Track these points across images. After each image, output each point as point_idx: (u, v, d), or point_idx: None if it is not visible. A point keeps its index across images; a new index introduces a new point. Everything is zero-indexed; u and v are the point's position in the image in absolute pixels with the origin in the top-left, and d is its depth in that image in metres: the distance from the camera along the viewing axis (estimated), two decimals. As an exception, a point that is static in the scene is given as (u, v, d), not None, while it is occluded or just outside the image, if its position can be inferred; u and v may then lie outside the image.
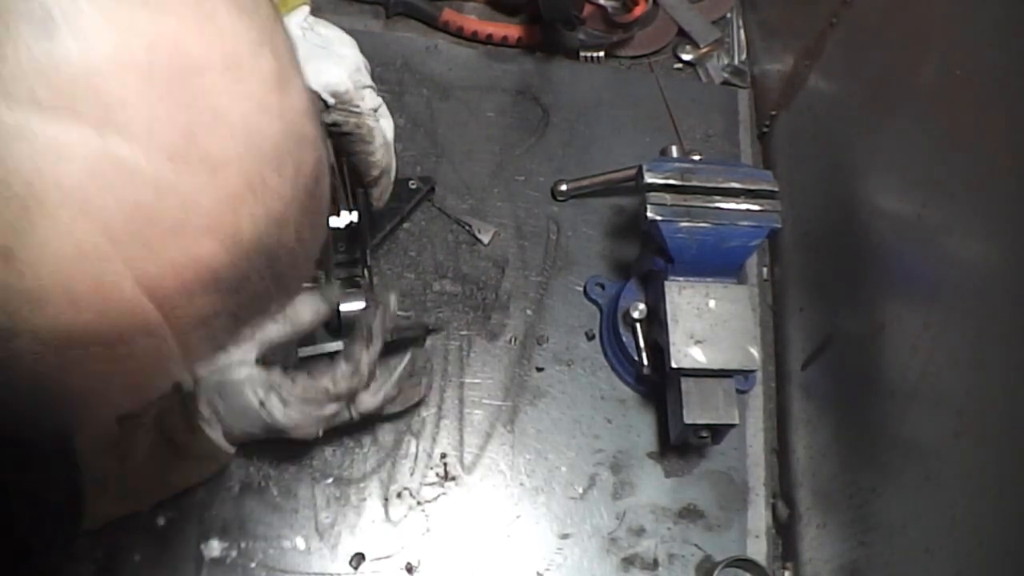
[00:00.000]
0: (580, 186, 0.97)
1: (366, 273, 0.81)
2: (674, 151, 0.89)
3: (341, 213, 0.75)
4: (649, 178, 0.81)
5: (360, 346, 0.71)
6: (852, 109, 0.87)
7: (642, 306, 0.83)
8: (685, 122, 1.05)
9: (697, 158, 0.87)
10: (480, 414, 0.85)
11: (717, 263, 0.81)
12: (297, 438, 0.71)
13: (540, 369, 0.88)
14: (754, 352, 0.79)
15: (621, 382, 0.88)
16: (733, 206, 0.81)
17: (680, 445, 0.84)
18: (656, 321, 0.83)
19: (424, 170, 0.96)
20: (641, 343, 0.84)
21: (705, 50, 1.11)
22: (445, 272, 0.91)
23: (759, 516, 0.86)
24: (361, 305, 0.79)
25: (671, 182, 0.81)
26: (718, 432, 0.81)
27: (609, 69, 1.08)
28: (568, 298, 0.92)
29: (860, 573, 0.73)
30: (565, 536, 0.81)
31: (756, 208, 0.81)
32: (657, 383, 0.85)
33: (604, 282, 0.92)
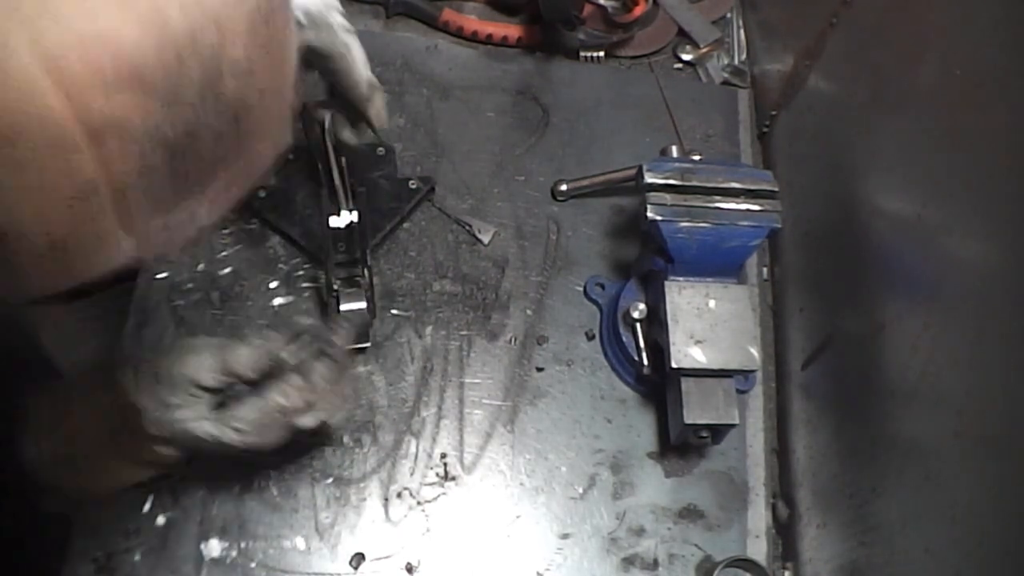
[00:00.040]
0: (580, 186, 0.97)
1: (366, 273, 0.81)
2: (674, 151, 0.89)
3: (341, 213, 0.75)
4: (649, 178, 0.81)
5: (310, 356, 0.66)
6: (852, 109, 0.87)
7: (642, 306, 0.83)
8: (685, 122, 1.05)
9: (697, 158, 0.87)
10: (480, 414, 0.85)
11: (717, 263, 0.82)
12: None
13: (540, 369, 0.88)
14: (754, 352, 0.79)
15: (621, 382, 0.88)
16: (733, 206, 0.81)
17: (680, 445, 0.84)
18: (656, 321, 0.83)
19: (424, 170, 0.96)
20: (641, 343, 0.84)
21: (705, 50, 1.12)
22: (445, 272, 0.91)
23: (759, 516, 0.86)
24: (362, 305, 0.79)
25: (671, 182, 0.81)
26: (718, 432, 0.81)
27: (609, 69, 1.09)
28: (568, 298, 0.92)
29: (860, 573, 0.73)
30: (565, 536, 0.81)
31: (756, 208, 0.82)
32: (657, 383, 0.85)
33: (604, 282, 0.92)
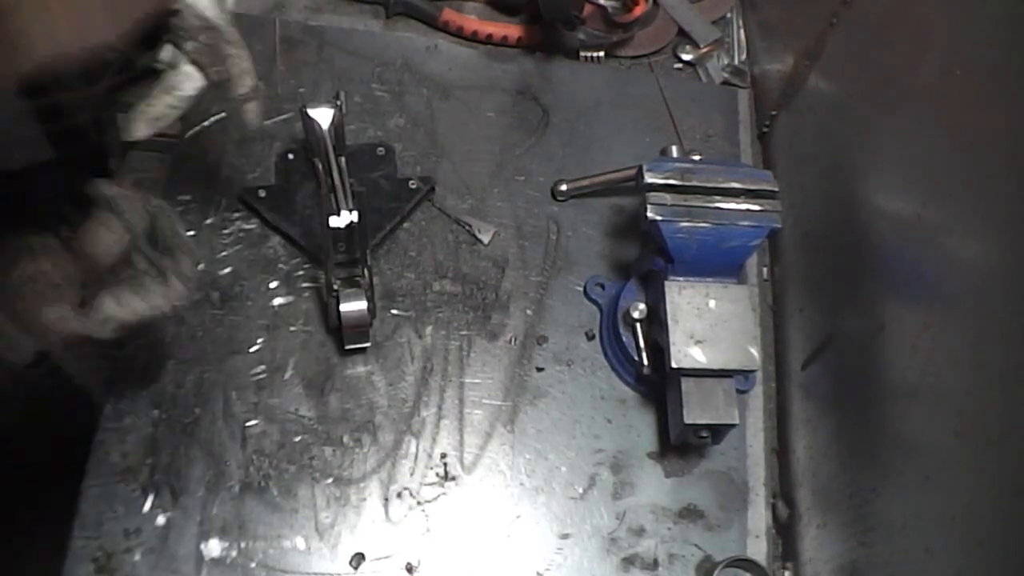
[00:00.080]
0: (580, 186, 0.97)
1: (366, 273, 0.80)
2: (674, 151, 0.89)
3: (341, 213, 0.75)
4: (649, 178, 0.81)
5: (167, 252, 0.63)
6: (852, 109, 0.87)
7: (642, 306, 0.83)
8: (685, 122, 1.05)
9: (697, 158, 0.87)
10: (480, 414, 0.85)
11: (717, 263, 0.82)
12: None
13: (540, 369, 0.88)
14: (754, 352, 0.79)
15: (621, 382, 0.88)
16: (733, 206, 0.81)
17: (680, 445, 0.84)
18: (656, 321, 0.83)
19: (424, 170, 0.96)
20: (641, 343, 0.84)
21: (705, 50, 1.12)
22: (445, 272, 0.91)
23: (759, 516, 0.86)
24: (362, 305, 0.79)
25: (671, 182, 0.81)
26: (718, 432, 0.81)
27: (609, 69, 1.09)
28: (568, 298, 0.92)
29: (860, 573, 0.73)
30: (565, 536, 0.81)
31: (756, 208, 0.82)
32: (657, 383, 0.85)
33: (604, 282, 0.92)
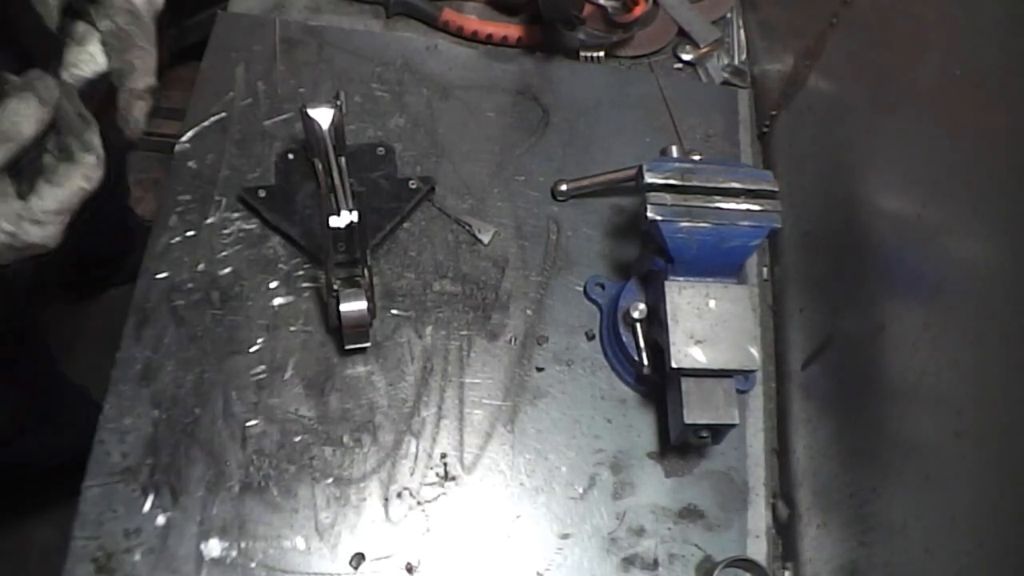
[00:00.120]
0: (580, 186, 0.97)
1: (366, 273, 0.80)
2: (674, 151, 0.89)
3: (341, 213, 0.75)
4: (649, 178, 0.81)
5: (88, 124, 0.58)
6: (852, 109, 0.87)
7: (642, 306, 0.83)
8: (685, 122, 1.05)
9: (697, 158, 0.87)
10: (480, 414, 0.85)
11: (717, 263, 0.81)
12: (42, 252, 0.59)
13: (540, 369, 0.88)
14: (754, 352, 0.79)
15: (621, 382, 0.88)
16: (733, 206, 0.81)
17: (680, 445, 0.84)
18: (656, 321, 0.83)
19: (424, 170, 0.96)
20: (641, 343, 0.84)
21: (705, 50, 1.12)
22: (445, 272, 0.91)
23: (759, 516, 0.86)
24: (362, 305, 0.79)
25: (671, 182, 0.81)
26: (718, 432, 0.81)
27: (609, 69, 1.09)
28: (568, 298, 0.92)
29: (860, 573, 0.73)
30: (565, 536, 0.81)
31: (756, 208, 0.81)
32: (657, 383, 0.85)
33: (604, 282, 0.92)
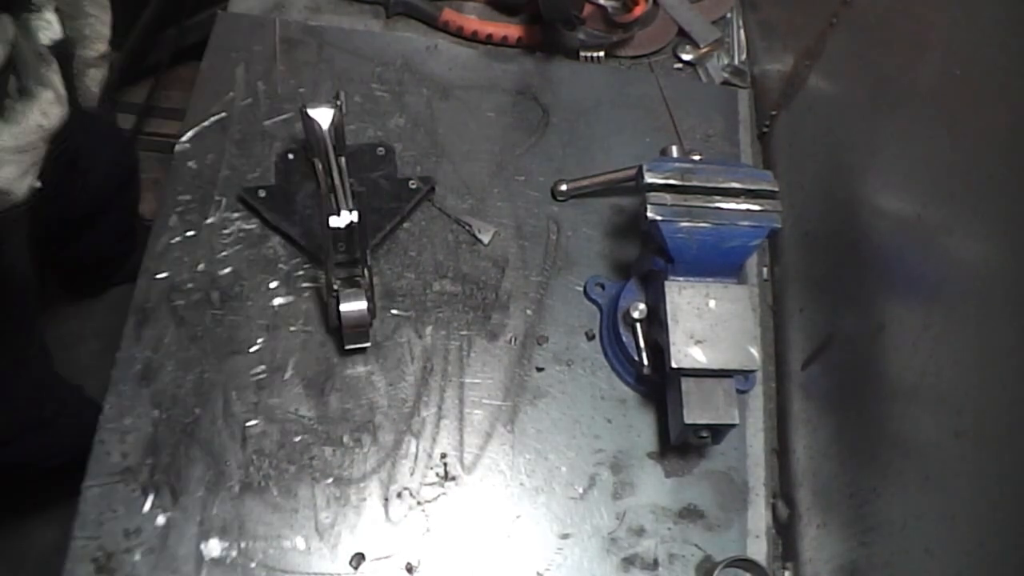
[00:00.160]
0: (580, 186, 0.97)
1: (366, 273, 0.80)
2: (674, 151, 0.89)
3: (341, 213, 0.75)
4: (649, 178, 0.81)
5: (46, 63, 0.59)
6: (852, 109, 0.87)
7: (642, 306, 0.83)
8: (685, 122, 1.05)
9: (697, 158, 0.87)
10: (480, 414, 0.85)
11: (717, 263, 0.81)
12: (9, 204, 0.57)
13: (540, 369, 0.88)
14: (754, 352, 0.79)
15: (621, 382, 0.88)
16: (733, 206, 0.81)
17: (680, 445, 0.84)
18: (656, 321, 0.83)
19: (424, 170, 0.96)
20: (641, 343, 0.84)
21: (705, 50, 1.12)
22: (445, 272, 0.91)
23: (759, 516, 0.86)
24: (362, 305, 0.79)
25: (671, 182, 0.81)
26: (718, 432, 0.81)
27: (609, 69, 1.09)
28: (568, 298, 0.92)
29: (860, 573, 0.73)
30: (565, 536, 0.81)
31: (756, 208, 0.81)
32: (657, 383, 0.85)
33: (604, 282, 0.92)
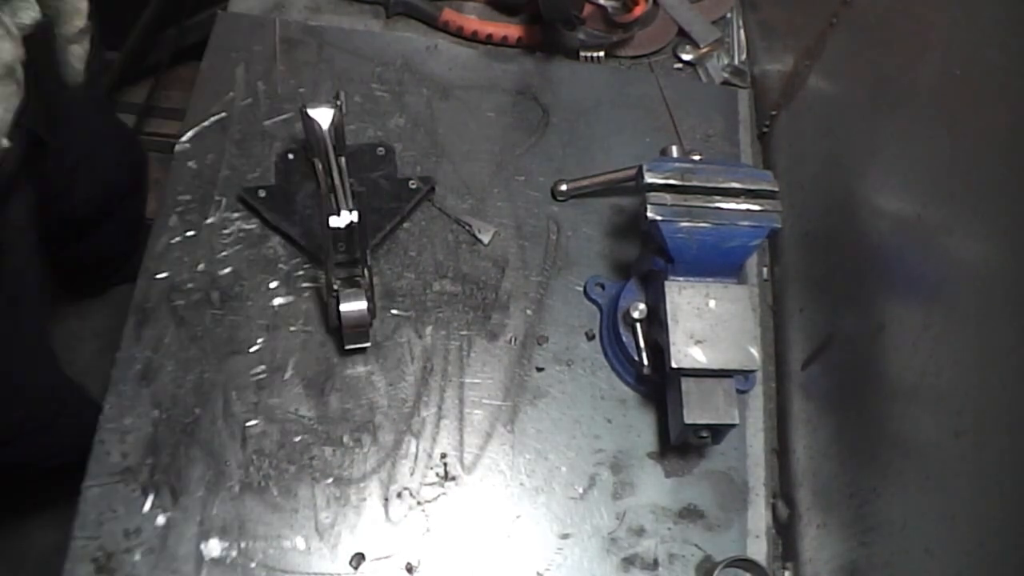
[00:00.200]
0: (580, 186, 0.97)
1: (366, 273, 0.80)
2: (674, 151, 0.89)
3: (341, 213, 0.75)
4: (649, 178, 0.81)
5: None
6: (852, 109, 0.87)
7: (642, 306, 0.83)
8: (685, 122, 1.05)
9: (697, 158, 0.87)
10: (480, 414, 0.85)
11: (717, 263, 0.81)
12: None
13: (540, 369, 0.88)
14: (754, 352, 0.79)
15: (621, 382, 0.88)
16: (733, 206, 0.81)
17: (680, 445, 0.84)
18: (656, 321, 0.83)
19: (424, 170, 0.96)
20: (641, 343, 0.84)
21: (705, 50, 1.12)
22: (445, 272, 0.91)
23: (759, 516, 0.86)
24: (362, 305, 0.79)
25: (671, 182, 0.81)
26: (718, 432, 0.81)
27: (609, 69, 1.09)
28: (568, 298, 0.92)
29: (860, 573, 0.73)
30: (565, 536, 0.81)
31: (756, 208, 0.81)
32: (657, 383, 0.85)
33: (604, 282, 0.92)
